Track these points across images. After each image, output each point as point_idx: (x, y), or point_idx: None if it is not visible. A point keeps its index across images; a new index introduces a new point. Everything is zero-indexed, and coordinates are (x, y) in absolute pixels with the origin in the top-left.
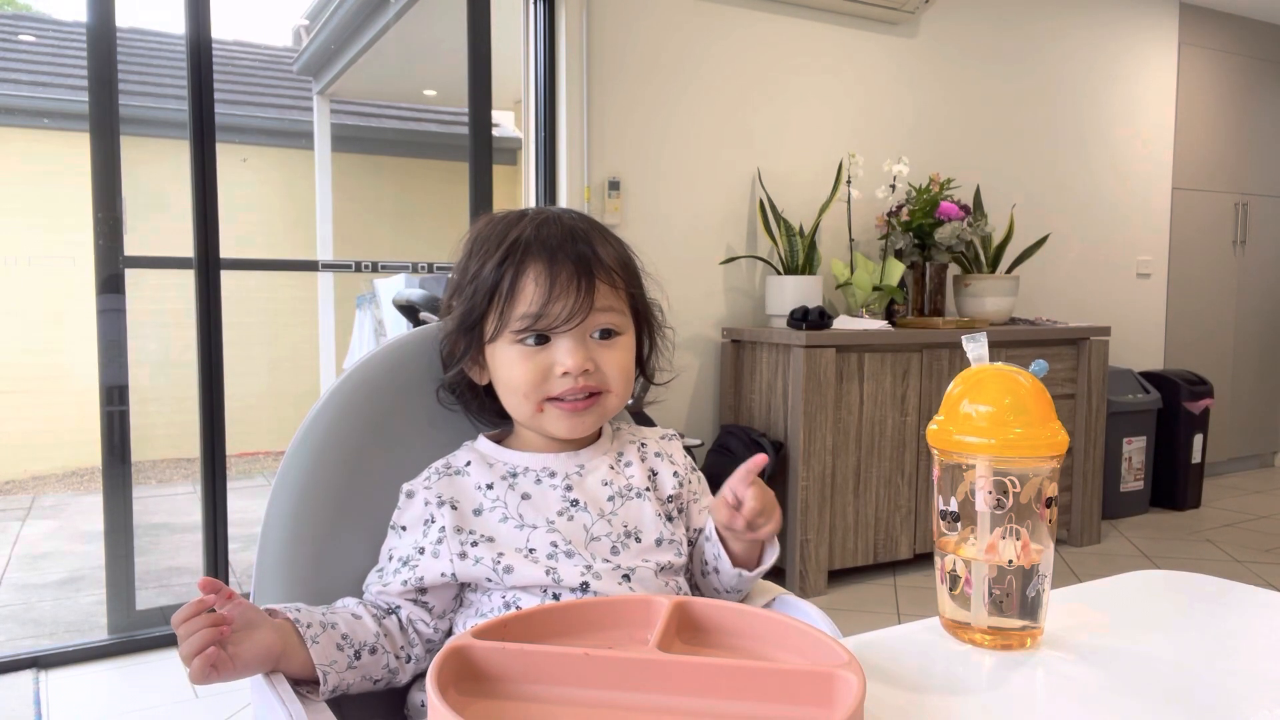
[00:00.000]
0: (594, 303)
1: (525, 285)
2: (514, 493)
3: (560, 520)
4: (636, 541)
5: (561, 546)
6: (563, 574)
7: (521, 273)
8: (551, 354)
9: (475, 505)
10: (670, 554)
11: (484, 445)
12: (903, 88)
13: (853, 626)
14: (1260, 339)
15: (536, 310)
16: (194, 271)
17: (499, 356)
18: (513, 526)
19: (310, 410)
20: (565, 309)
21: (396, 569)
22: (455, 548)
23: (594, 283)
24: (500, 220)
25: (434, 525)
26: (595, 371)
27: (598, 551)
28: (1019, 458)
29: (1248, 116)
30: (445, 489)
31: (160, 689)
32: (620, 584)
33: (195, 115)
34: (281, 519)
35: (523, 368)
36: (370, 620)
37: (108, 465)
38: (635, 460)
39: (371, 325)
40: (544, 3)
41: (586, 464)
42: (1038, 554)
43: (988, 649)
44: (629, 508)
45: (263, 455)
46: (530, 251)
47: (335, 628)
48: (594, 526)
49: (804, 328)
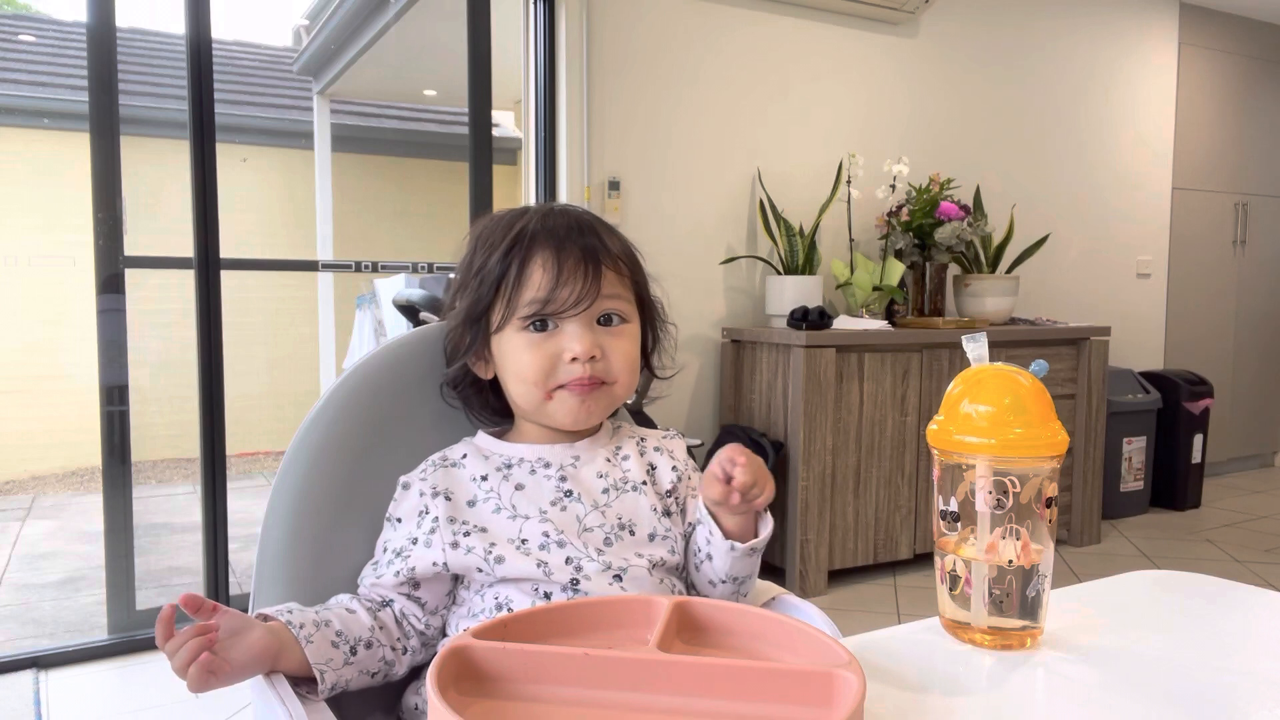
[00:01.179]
0: (601, 288)
1: (532, 272)
2: (508, 484)
3: (553, 510)
4: (630, 535)
5: (554, 537)
6: (553, 567)
7: (529, 260)
8: (559, 340)
9: (469, 497)
10: (663, 549)
11: (482, 440)
12: (903, 88)
13: (853, 626)
14: (1260, 339)
15: (544, 295)
16: (194, 271)
17: (506, 346)
18: (505, 517)
19: (310, 410)
20: (573, 293)
21: (390, 560)
22: (448, 537)
23: (600, 269)
24: (504, 216)
25: (428, 516)
26: (602, 359)
27: (590, 542)
28: (1019, 458)
29: (1248, 116)
30: (441, 480)
31: (160, 689)
32: (611, 584)
33: (195, 115)
34: (281, 519)
35: (531, 355)
36: (365, 614)
37: (108, 465)
38: (633, 454)
39: (371, 325)
40: (544, 3)
41: (582, 455)
42: (1038, 554)
43: (988, 649)
44: (624, 500)
45: (263, 455)
46: (537, 240)
47: (329, 625)
48: (587, 517)
49: (804, 328)
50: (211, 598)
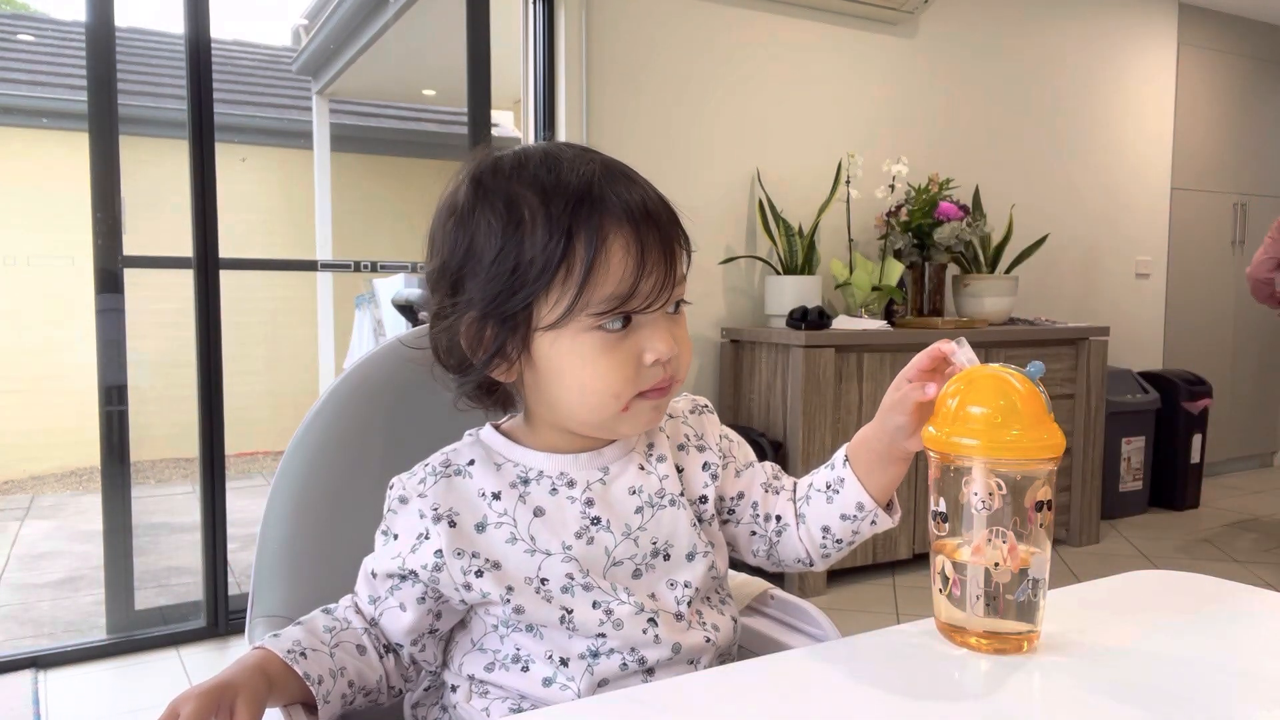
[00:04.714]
0: (677, 274)
1: (612, 257)
2: (524, 506)
3: (578, 544)
4: (665, 560)
5: (578, 580)
6: (578, 617)
7: (605, 241)
8: (637, 340)
9: (478, 519)
10: (701, 567)
11: (492, 439)
12: (902, 88)
13: (852, 626)
14: (1259, 339)
15: (627, 289)
16: (193, 271)
17: (564, 347)
18: (522, 551)
19: (309, 410)
20: (656, 285)
21: (393, 609)
22: (458, 577)
23: (675, 248)
24: (525, 167)
25: (427, 544)
26: (675, 356)
27: (617, 580)
28: (1014, 460)
29: (1247, 117)
30: (443, 496)
31: (159, 689)
32: (645, 630)
33: (194, 115)
34: (280, 519)
35: (610, 360)
36: (375, 659)
37: (107, 465)
38: (668, 452)
39: (371, 325)
40: (543, 3)
41: (612, 467)
42: (1034, 556)
43: (984, 653)
44: (659, 519)
45: (262, 455)
46: (610, 213)
47: (344, 674)
48: (617, 549)
49: (803, 328)
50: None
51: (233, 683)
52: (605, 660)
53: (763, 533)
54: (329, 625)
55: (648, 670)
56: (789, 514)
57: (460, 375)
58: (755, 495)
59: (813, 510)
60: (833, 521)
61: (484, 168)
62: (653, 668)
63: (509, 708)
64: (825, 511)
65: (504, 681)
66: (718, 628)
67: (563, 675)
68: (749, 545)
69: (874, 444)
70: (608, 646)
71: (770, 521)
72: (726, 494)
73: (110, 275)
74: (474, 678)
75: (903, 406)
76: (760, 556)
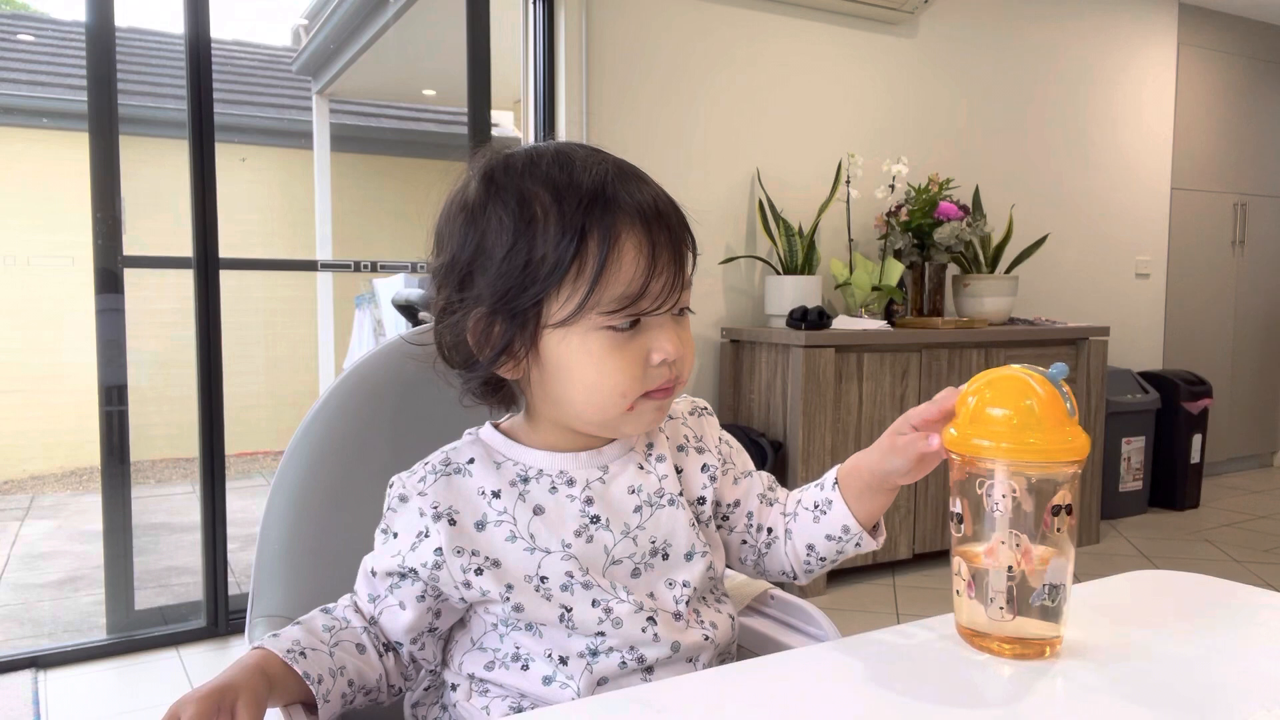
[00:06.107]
0: (684, 275)
1: (624, 257)
2: (524, 505)
3: (578, 543)
4: (663, 559)
5: (578, 578)
6: (578, 616)
7: (617, 241)
8: (645, 340)
9: (478, 517)
10: (699, 566)
11: (492, 437)
12: (902, 88)
13: (852, 626)
14: (1259, 339)
15: (638, 289)
16: (193, 271)
17: (573, 345)
18: (522, 549)
19: (309, 410)
20: (665, 286)
21: (393, 607)
22: (458, 575)
23: (684, 250)
24: (538, 165)
25: (427, 542)
26: (680, 357)
27: (616, 579)
28: (1037, 463)
29: (1247, 117)
30: (443, 494)
31: (159, 689)
32: (645, 628)
33: (194, 115)
34: (280, 518)
35: (618, 359)
36: (375, 658)
37: (106, 465)
38: (668, 452)
39: (371, 325)
40: (543, 2)
41: (612, 466)
42: (1056, 560)
43: (1005, 658)
44: (659, 518)
45: (262, 455)
46: (623, 213)
47: (344, 673)
48: (616, 547)
49: (803, 328)
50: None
51: (233, 684)
52: (604, 659)
53: (753, 543)
54: (328, 624)
55: (647, 669)
56: (779, 528)
57: (466, 371)
58: (751, 505)
59: (799, 527)
60: (818, 541)
61: (495, 165)
62: (652, 666)
63: (509, 706)
64: (812, 530)
65: (504, 680)
66: (716, 626)
67: (562, 674)
68: (738, 553)
69: (865, 474)
70: (607, 645)
71: (762, 533)
72: (724, 500)
73: (110, 275)
74: (474, 676)
75: (905, 454)
76: (747, 565)
